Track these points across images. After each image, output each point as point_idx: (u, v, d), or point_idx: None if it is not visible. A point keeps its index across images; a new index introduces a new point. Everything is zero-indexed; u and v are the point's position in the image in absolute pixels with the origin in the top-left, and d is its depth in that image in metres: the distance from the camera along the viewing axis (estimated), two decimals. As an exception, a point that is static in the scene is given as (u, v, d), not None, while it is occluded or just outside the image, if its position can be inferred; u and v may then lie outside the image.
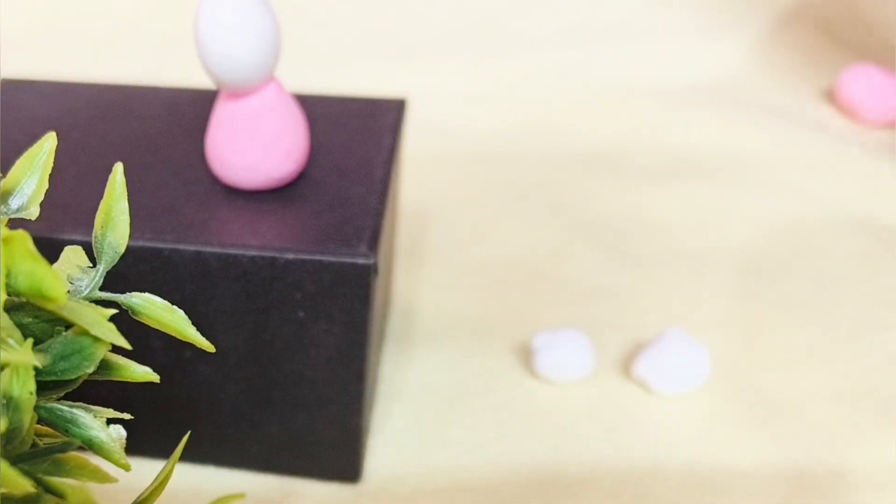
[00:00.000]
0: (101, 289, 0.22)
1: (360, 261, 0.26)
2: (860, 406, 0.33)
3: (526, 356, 0.34)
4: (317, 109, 0.31)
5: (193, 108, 0.31)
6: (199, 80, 0.30)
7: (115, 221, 0.22)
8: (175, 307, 0.22)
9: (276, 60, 0.26)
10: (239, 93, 0.26)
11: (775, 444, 0.32)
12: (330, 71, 0.51)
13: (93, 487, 0.20)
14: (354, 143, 0.30)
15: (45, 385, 0.20)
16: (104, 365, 0.21)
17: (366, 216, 0.27)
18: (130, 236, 0.22)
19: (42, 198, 0.22)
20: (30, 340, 0.19)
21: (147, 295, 0.22)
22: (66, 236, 0.26)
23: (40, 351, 0.20)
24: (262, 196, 0.28)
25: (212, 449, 0.30)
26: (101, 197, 0.22)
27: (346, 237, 0.26)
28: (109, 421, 0.21)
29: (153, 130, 0.30)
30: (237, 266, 0.26)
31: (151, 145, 0.30)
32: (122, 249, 0.22)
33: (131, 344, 0.20)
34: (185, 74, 0.36)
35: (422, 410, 0.33)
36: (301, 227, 0.27)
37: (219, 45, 0.25)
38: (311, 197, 0.28)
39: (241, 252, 0.26)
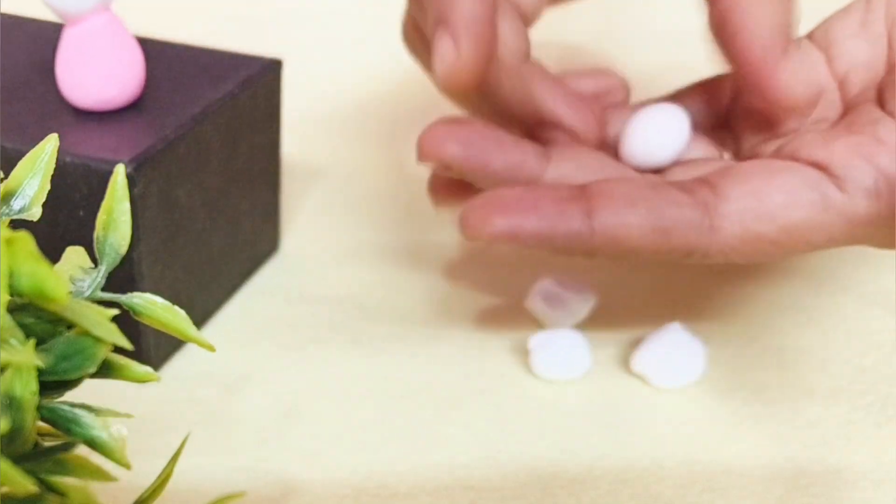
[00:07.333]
0: (102, 289, 0.22)
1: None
2: (857, 404, 0.33)
3: (523, 355, 0.35)
4: (200, 60, 0.35)
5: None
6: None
7: (116, 222, 0.22)
8: (176, 308, 0.22)
9: None
10: (72, 20, 0.31)
11: (772, 442, 0.32)
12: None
13: (94, 486, 0.21)
14: (201, 87, 0.34)
15: (47, 385, 0.20)
16: (105, 365, 0.21)
17: (154, 139, 0.31)
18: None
19: (44, 199, 0.22)
20: (32, 341, 0.19)
21: (148, 296, 0.22)
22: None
23: (42, 351, 0.20)
24: (101, 117, 0.32)
25: None
26: None
27: (119, 150, 0.30)
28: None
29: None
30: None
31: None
32: (124, 250, 0.22)
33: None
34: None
35: (420, 409, 0.33)
36: (102, 140, 0.31)
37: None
38: (127, 120, 0.32)
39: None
